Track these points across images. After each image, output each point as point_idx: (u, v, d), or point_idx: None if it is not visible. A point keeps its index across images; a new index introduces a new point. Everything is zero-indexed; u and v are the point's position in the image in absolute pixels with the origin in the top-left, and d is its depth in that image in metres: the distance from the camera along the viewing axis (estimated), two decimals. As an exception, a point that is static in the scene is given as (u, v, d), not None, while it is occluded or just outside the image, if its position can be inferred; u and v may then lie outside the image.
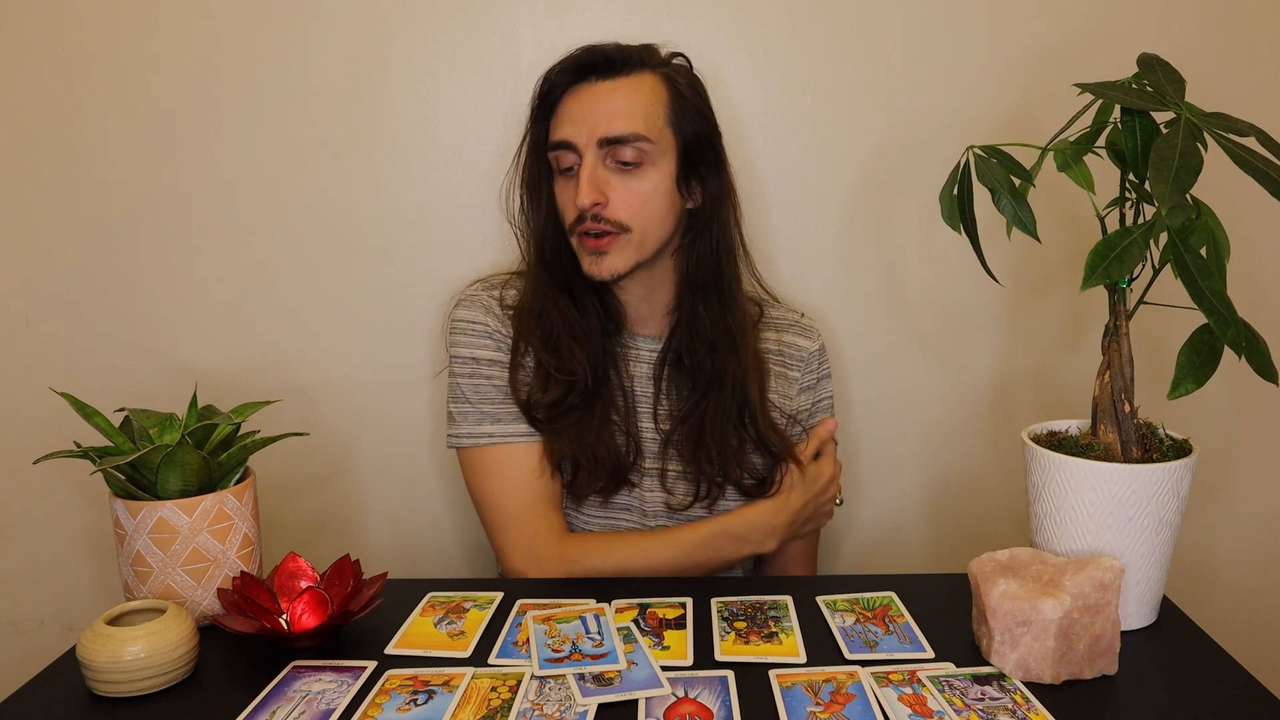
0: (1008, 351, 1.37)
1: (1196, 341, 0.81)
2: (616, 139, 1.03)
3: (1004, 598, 0.78)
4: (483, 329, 1.11)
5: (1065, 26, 1.27)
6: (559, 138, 1.05)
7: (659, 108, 1.05)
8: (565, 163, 1.06)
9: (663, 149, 1.05)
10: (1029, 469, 0.90)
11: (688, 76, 1.09)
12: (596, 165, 1.04)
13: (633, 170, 1.04)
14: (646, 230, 1.06)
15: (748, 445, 1.10)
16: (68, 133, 1.27)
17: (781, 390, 1.17)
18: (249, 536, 0.91)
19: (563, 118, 1.06)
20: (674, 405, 1.12)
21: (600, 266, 1.06)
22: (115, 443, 0.90)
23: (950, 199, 0.91)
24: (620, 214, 1.04)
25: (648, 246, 1.07)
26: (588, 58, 1.06)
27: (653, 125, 1.04)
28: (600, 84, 1.05)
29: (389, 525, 1.40)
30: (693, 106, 1.07)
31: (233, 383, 1.32)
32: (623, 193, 1.04)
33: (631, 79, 1.05)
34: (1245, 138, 0.79)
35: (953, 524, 1.42)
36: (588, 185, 1.03)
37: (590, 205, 1.03)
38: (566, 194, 1.07)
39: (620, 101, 1.03)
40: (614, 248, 1.05)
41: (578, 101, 1.05)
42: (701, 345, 1.10)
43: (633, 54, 1.06)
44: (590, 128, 1.03)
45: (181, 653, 0.78)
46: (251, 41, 1.26)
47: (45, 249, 1.30)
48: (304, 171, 1.29)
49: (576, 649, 0.81)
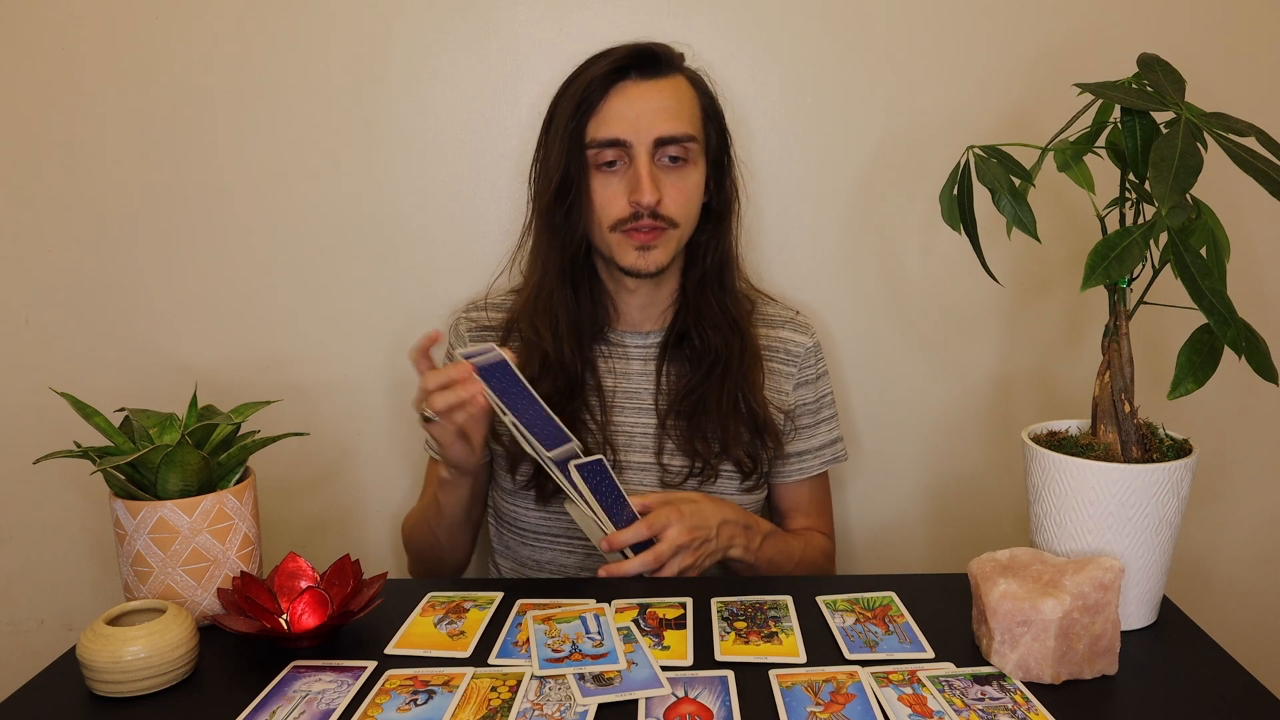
0: (1008, 351, 1.37)
1: (1196, 341, 0.81)
2: (670, 139, 1.05)
3: (1004, 598, 0.78)
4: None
5: (1065, 26, 1.27)
6: (610, 135, 1.06)
7: (697, 110, 1.10)
8: (607, 158, 1.07)
9: (700, 149, 1.10)
10: (1029, 469, 0.90)
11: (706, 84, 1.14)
12: (652, 164, 1.06)
13: (680, 168, 1.08)
14: (688, 224, 1.11)
15: (744, 425, 1.12)
16: (68, 133, 1.27)
17: (775, 386, 1.17)
18: (249, 536, 0.91)
19: (611, 115, 1.06)
20: (674, 389, 1.14)
21: (648, 260, 1.08)
22: (115, 443, 0.90)
23: (950, 199, 0.91)
24: (672, 210, 1.07)
25: (684, 241, 1.12)
26: (632, 55, 1.06)
27: (696, 125, 1.09)
28: (645, 83, 1.07)
29: (389, 525, 1.40)
30: (715, 106, 1.13)
31: (233, 383, 1.32)
32: (672, 190, 1.07)
33: (672, 80, 1.08)
34: (1245, 138, 0.79)
35: (953, 524, 1.42)
36: (650, 184, 1.04)
37: (654, 203, 1.05)
38: (610, 190, 1.07)
39: (670, 102, 1.06)
40: (660, 242, 1.08)
41: (627, 100, 1.06)
42: (709, 324, 1.13)
43: (673, 57, 1.10)
44: (645, 126, 1.05)
45: (181, 653, 0.78)
46: (251, 41, 1.26)
47: (45, 249, 1.30)
48: (304, 172, 1.29)
49: (576, 649, 0.81)
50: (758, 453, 1.14)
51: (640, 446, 1.13)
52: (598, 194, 1.08)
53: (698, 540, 1.00)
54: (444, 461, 1.06)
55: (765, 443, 1.14)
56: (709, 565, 1.03)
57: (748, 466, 1.13)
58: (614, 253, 1.09)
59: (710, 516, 1.02)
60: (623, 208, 1.07)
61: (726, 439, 1.11)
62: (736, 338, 1.13)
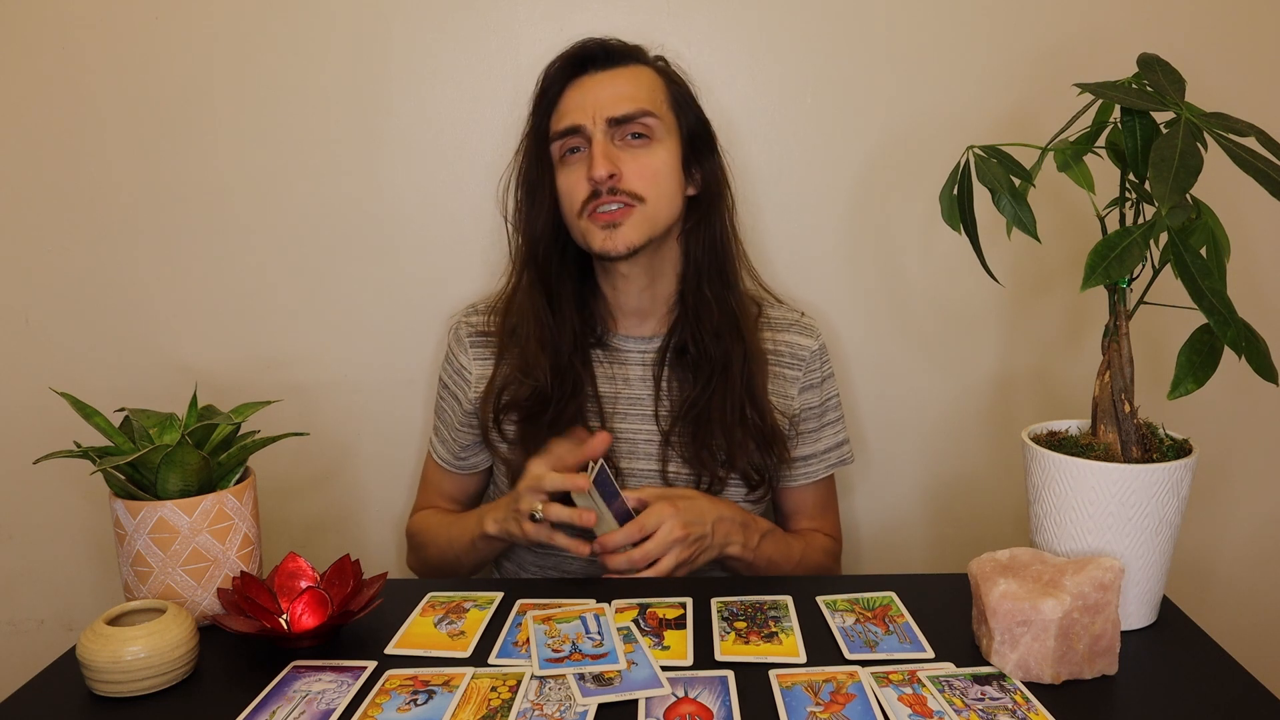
0: (1008, 351, 1.37)
1: (1196, 341, 0.81)
2: (624, 117, 1.06)
3: (1004, 598, 0.78)
4: (457, 367, 1.19)
5: (1065, 27, 1.27)
6: (564, 125, 1.07)
7: (660, 93, 1.10)
8: (571, 147, 1.08)
9: (667, 128, 1.09)
10: (1029, 469, 0.90)
11: (676, 73, 1.14)
12: (607, 142, 1.06)
13: (642, 144, 1.08)
14: (659, 202, 1.08)
15: (750, 436, 1.11)
16: (68, 133, 1.27)
17: (780, 390, 1.16)
18: (249, 536, 0.91)
19: (566, 107, 1.08)
20: (676, 399, 1.12)
21: (615, 240, 1.06)
22: (115, 443, 0.90)
23: (950, 199, 0.91)
24: (635, 184, 1.06)
25: (659, 222, 1.09)
26: (586, 51, 1.09)
27: (657, 103, 1.08)
28: (600, 74, 1.09)
29: (389, 525, 1.40)
30: (688, 95, 1.13)
31: (233, 383, 1.32)
32: (634, 165, 1.06)
33: (630, 69, 1.10)
34: (1245, 138, 0.79)
35: (953, 524, 1.42)
36: (601, 157, 1.04)
37: (606, 176, 1.04)
38: (572, 178, 1.08)
39: (623, 86, 1.07)
40: (628, 220, 1.06)
41: (580, 91, 1.08)
42: (707, 332, 1.11)
43: (627, 49, 1.11)
44: (596, 110, 1.06)
45: (181, 653, 0.78)
46: (251, 41, 1.26)
47: (45, 249, 1.30)
48: (304, 172, 1.29)
49: (576, 649, 0.81)
50: (764, 464, 1.12)
51: (644, 454, 1.12)
52: (563, 185, 1.09)
53: (692, 536, 0.99)
54: (505, 534, 1.04)
55: (772, 452, 1.12)
56: (704, 562, 1.03)
57: (754, 479, 1.12)
58: (586, 238, 1.08)
59: (706, 513, 1.02)
60: (584, 189, 1.06)
61: (732, 450, 1.09)
62: (738, 344, 1.11)
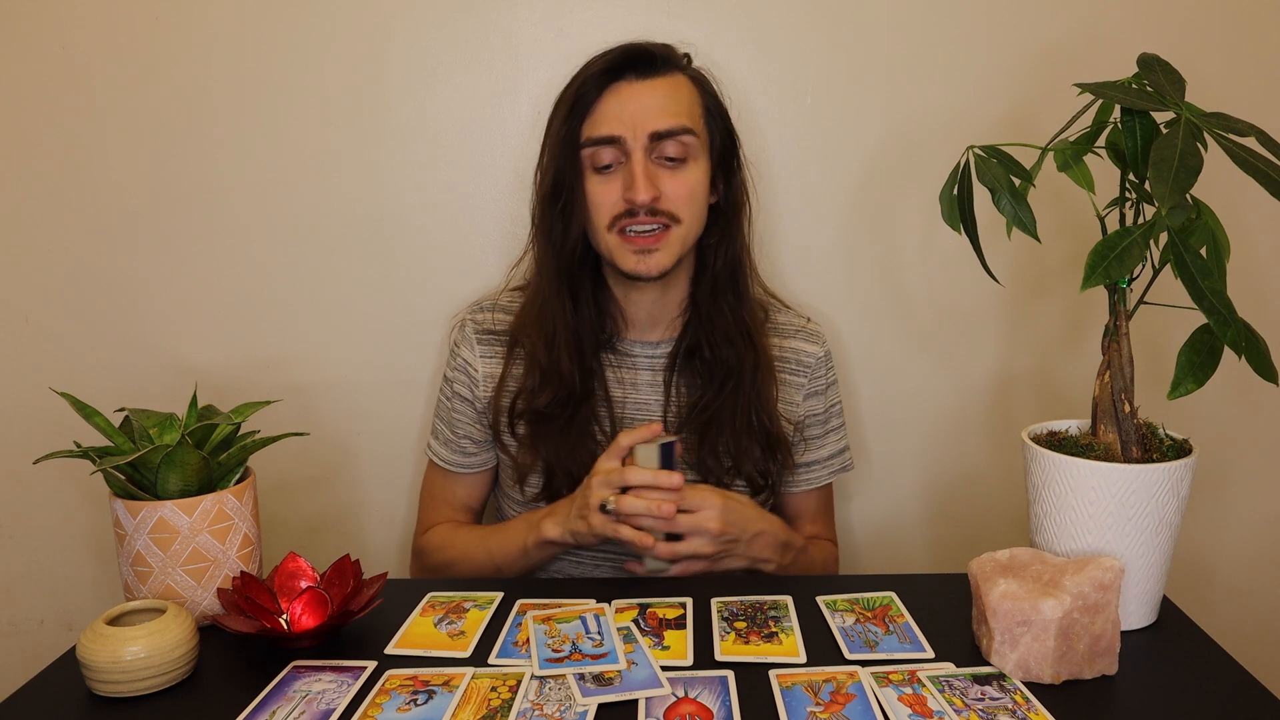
0: (1008, 351, 1.37)
1: (1196, 341, 0.81)
2: (666, 133, 1.04)
3: (1004, 598, 0.78)
4: (462, 364, 1.17)
5: (1065, 26, 1.27)
6: (603, 133, 1.05)
7: (697, 107, 1.08)
8: (604, 159, 1.06)
9: (702, 145, 1.08)
10: (1029, 469, 0.90)
11: (707, 79, 1.12)
12: (647, 160, 1.04)
13: (679, 165, 1.06)
14: (692, 223, 1.08)
15: (757, 441, 1.10)
16: (68, 133, 1.27)
17: (785, 397, 1.16)
18: (249, 536, 0.91)
19: (605, 114, 1.05)
20: (684, 403, 1.12)
21: (650, 263, 1.06)
22: (115, 443, 0.90)
23: (950, 199, 0.91)
24: (673, 206, 1.05)
25: (690, 240, 1.09)
26: (627, 55, 1.06)
27: (695, 120, 1.07)
28: (641, 82, 1.05)
29: (389, 525, 1.40)
30: (719, 105, 1.11)
31: (233, 383, 1.32)
32: (673, 184, 1.05)
33: (670, 78, 1.07)
34: (1245, 138, 0.79)
35: (953, 524, 1.42)
36: (645, 179, 1.03)
37: (650, 200, 1.03)
38: (605, 190, 1.06)
39: (665, 99, 1.05)
40: (663, 244, 1.06)
41: (620, 99, 1.05)
42: (720, 338, 1.10)
43: (667, 54, 1.08)
44: (639, 123, 1.03)
45: (181, 653, 0.78)
46: (251, 42, 1.26)
47: (45, 249, 1.30)
48: (304, 172, 1.29)
49: (576, 649, 0.81)
50: (769, 469, 1.12)
51: None
52: (593, 195, 1.06)
53: (725, 536, 0.98)
54: (569, 534, 1.01)
55: (777, 459, 1.12)
56: (726, 568, 1.02)
57: (759, 484, 1.12)
58: (613, 256, 1.07)
59: (751, 523, 1.01)
60: (618, 204, 1.05)
61: (739, 455, 1.09)
62: (750, 350, 1.10)
